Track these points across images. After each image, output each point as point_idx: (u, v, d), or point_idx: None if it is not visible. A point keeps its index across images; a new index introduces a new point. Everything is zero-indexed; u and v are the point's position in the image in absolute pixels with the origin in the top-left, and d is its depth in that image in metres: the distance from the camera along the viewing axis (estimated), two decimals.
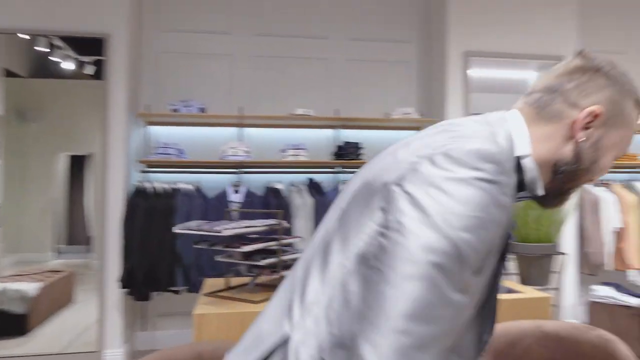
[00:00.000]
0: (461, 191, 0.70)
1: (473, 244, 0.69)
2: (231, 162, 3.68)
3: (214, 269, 3.48)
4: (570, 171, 0.88)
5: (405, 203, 0.72)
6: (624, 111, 0.88)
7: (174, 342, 3.88)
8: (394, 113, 3.97)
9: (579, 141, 0.86)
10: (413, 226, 0.69)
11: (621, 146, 0.91)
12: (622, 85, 0.89)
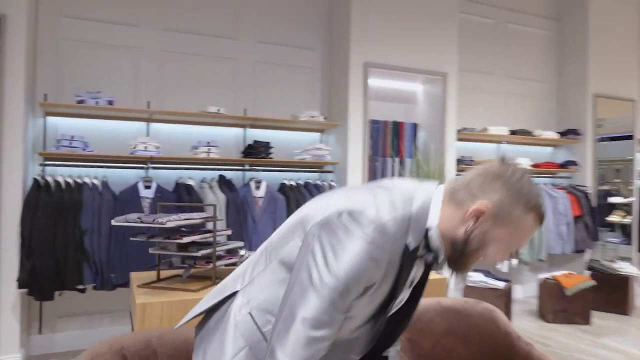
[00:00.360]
0: (350, 244, 1.03)
1: (351, 284, 1.02)
2: (142, 157, 3.66)
3: (125, 264, 3.46)
4: (461, 250, 1.11)
5: (317, 243, 1.06)
6: (511, 214, 1.08)
7: (75, 344, 3.74)
8: (301, 115, 4.24)
9: (468, 228, 1.10)
10: (319, 262, 1.04)
11: (509, 243, 1.10)
12: (517, 192, 1.08)
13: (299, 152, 4.28)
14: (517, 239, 1.12)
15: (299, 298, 1.04)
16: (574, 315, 4.55)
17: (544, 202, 1.13)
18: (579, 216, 5.38)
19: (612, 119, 5.90)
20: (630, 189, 6.07)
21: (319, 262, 1.04)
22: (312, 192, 4.12)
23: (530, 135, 5.39)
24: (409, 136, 4.89)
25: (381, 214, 1.06)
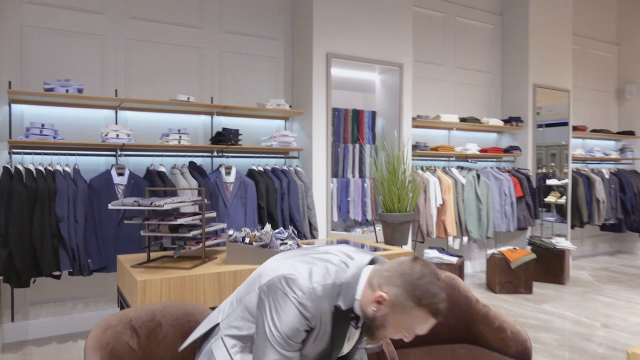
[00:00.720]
0: (285, 306, 1.39)
1: (292, 334, 1.38)
2: (114, 144, 3.72)
3: (102, 250, 3.54)
4: (370, 324, 1.42)
5: (266, 302, 1.43)
6: (405, 307, 1.35)
7: (49, 331, 3.79)
8: (268, 104, 4.41)
9: (372, 309, 1.40)
10: (267, 318, 1.41)
11: (405, 328, 1.39)
12: (412, 290, 1.35)
13: (266, 139, 4.46)
14: (412, 327, 1.40)
15: (261, 347, 1.42)
16: (518, 286, 5.03)
17: (442, 299, 1.38)
18: (521, 197, 5.88)
19: (549, 106, 6.44)
20: (565, 172, 6.66)
21: (267, 318, 1.41)
22: (279, 177, 4.31)
23: (478, 122, 5.82)
24: (368, 123, 5.17)
25: (312, 281, 1.40)
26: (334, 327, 1.43)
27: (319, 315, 1.39)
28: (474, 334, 2.58)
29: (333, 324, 1.42)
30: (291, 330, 1.38)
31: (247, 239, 2.50)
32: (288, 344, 1.39)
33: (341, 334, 1.46)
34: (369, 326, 1.43)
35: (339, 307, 1.41)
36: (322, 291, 1.39)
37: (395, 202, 3.09)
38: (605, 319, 4.24)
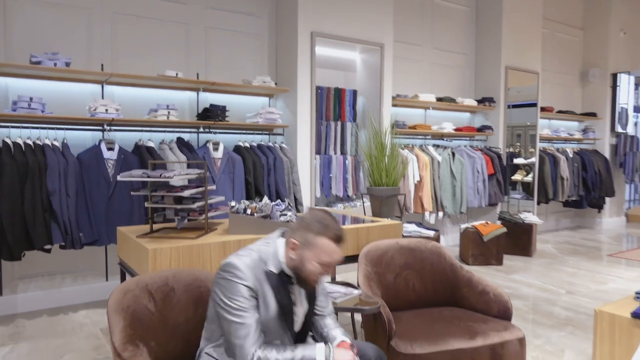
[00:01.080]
0: (227, 284, 1.64)
1: (240, 302, 1.62)
2: (103, 119, 3.73)
3: (93, 224, 3.58)
4: (297, 273, 1.70)
5: (214, 293, 1.69)
6: (309, 241, 1.66)
7: (38, 305, 3.82)
8: (254, 81, 4.48)
9: (291, 257, 1.69)
10: (220, 302, 1.65)
11: (319, 260, 1.67)
12: (310, 226, 1.68)
13: (252, 116, 4.53)
14: (323, 257, 1.67)
15: (227, 327, 1.64)
16: (490, 258, 5.33)
17: (336, 228, 1.70)
18: (493, 174, 6.17)
19: (517, 88, 6.71)
20: (531, 151, 6.99)
21: (220, 303, 1.65)
22: (265, 153, 4.41)
23: (453, 102, 6.03)
24: (350, 102, 5.30)
25: (242, 258, 1.69)
26: (276, 292, 1.71)
27: (257, 282, 1.67)
28: (459, 297, 2.80)
29: (273, 289, 1.70)
30: (240, 298, 1.63)
31: (249, 210, 2.61)
32: (243, 310, 1.63)
33: (284, 296, 1.73)
34: (297, 275, 1.71)
35: (271, 272, 1.70)
36: (251, 262, 1.68)
37: (383, 177, 3.26)
38: (569, 287, 4.57)
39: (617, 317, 2.54)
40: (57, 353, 3.04)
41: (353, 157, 5.26)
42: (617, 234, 7.63)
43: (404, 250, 2.90)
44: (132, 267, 2.53)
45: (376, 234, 3.00)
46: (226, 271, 1.67)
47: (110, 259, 4.11)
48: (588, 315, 3.76)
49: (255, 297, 1.67)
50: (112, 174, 3.67)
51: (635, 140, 8.40)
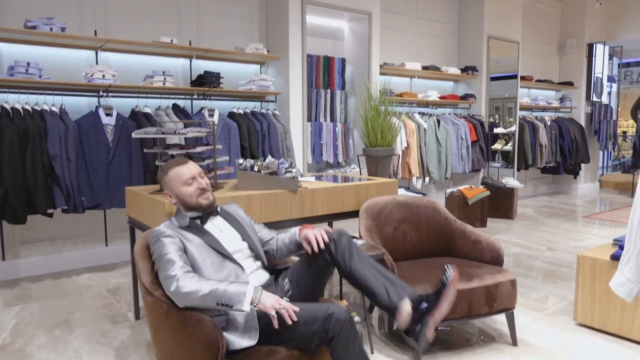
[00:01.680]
0: (154, 244, 1.88)
1: (158, 254, 1.83)
2: (100, 84, 3.76)
3: (94, 188, 3.65)
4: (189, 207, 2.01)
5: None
6: (167, 181, 2.02)
7: (39, 269, 3.89)
8: (247, 48, 4.53)
9: (173, 202, 2.04)
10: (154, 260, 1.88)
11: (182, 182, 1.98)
12: (162, 177, 2.04)
13: (245, 83, 4.60)
14: (181, 178, 2.00)
15: (160, 276, 1.81)
16: (474, 220, 5.58)
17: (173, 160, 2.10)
18: (476, 141, 6.38)
19: (497, 59, 6.88)
20: (510, 121, 7.22)
21: (154, 262, 1.87)
22: (259, 120, 4.50)
23: (438, 70, 6.18)
24: (338, 70, 5.40)
25: (160, 227, 1.94)
26: (194, 232, 1.96)
27: (175, 233, 1.90)
28: (453, 248, 2.99)
29: (191, 231, 1.96)
30: (162, 247, 1.84)
31: (256, 168, 2.73)
32: (166, 253, 1.82)
33: (206, 235, 1.97)
34: (191, 208, 2.01)
35: (181, 225, 1.98)
36: (165, 227, 1.95)
37: (378, 138, 3.41)
38: (549, 244, 4.85)
39: (597, 260, 2.78)
40: (68, 311, 3.15)
41: (343, 125, 5.39)
42: (592, 198, 7.99)
43: (401, 206, 3.08)
44: (145, 223, 2.63)
45: (374, 191, 3.16)
46: (150, 238, 1.92)
47: (110, 224, 4.19)
48: (568, 267, 4.03)
49: (178, 244, 1.88)
50: (111, 140, 3.72)
51: (609, 109, 8.73)
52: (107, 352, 2.58)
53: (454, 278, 1.86)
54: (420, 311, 1.84)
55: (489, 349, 2.59)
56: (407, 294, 1.92)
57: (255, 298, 1.66)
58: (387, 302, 1.89)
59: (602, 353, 2.53)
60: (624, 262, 1.76)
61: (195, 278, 1.73)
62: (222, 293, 1.67)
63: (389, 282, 1.94)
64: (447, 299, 1.84)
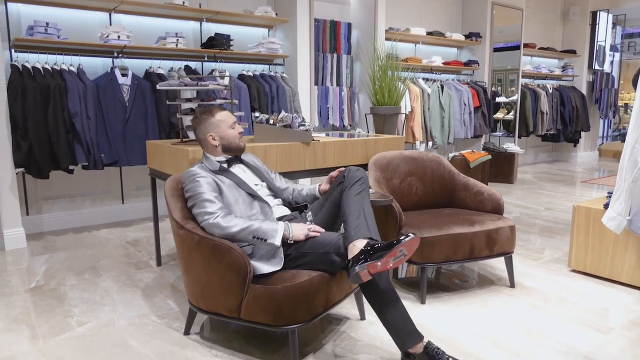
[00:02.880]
0: (185, 186, 2.12)
1: (194, 193, 2.07)
2: (115, 45, 3.89)
3: (112, 145, 3.82)
4: (227, 149, 2.26)
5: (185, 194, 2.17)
6: (214, 123, 2.23)
7: (61, 225, 4.09)
8: (256, 11, 4.64)
9: (215, 144, 2.23)
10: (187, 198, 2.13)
11: (228, 124, 2.24)
12: (206, 119, 2.24)
13: (254, 46, 4.72)
14: (227, 122, 2.26)
15: (195, 214, 2.05)
16: None
17: (212, 106, 2.34)
18: (478, 107, 6.52)
19: (500, 27, 6.96)
20: (512, 90, 7.34)
21: (187, 201, 2.11)
22: (268, 82, 4.64)
23: (442, 36, 6.28)
24: (345, 34, 5.50)
25: (194, 169, 2.14)
26: (225, 176, 2.17)
27: (209, 175, 2.11)
28: (457, 199, 3.18)
29: (223, 174, 2.17)
30: (198, 187, 2.05)
31: (271, 121, 2.90)
32: (202, 192, 2.04)
33: (235, 177, 2.19)
34: (228, 150, 2.25)
35: (214, 169, 2.19)
36: (199, 168, 2.15)
37: (386, 97, 3.56)
38: (548, 205, 5.05)
39: (592, 209, 2.97)
40: (93, 259, 3.36)
41: (349, 89, 5.52)
42: (591, 166, 8.18)
43: (407, 160, 3.25)
44: (167, 172, 2.81)
45: (382, 146, 3.33)
46: (186, 178, 2.12)
47: (126, 183, 4.38)
48: (564, 224, 4.24)
49: (213, 184, 2.09)
50: (127, 99, 3.87)
51: (611, 77, 8.83)
52: (135, 291, 2.79)
53: (408, 241, 1.80)
54: (367, 254, 1.83)
55: (488, 290, 2.80)
56: (367, 235, 1.91)
57: (288, 233, 1.97)
58: (350, 231, 1.92)
59: (593, 294, 2.75)
60: (614, 198, 1.95)
61: (232, 215, 2.02)
62: (258, 228, 1.95)
63: (364, 221, 1.97)
64: (393, 256, 1.80)
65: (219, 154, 2.26)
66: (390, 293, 1.92)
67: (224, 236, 1.95)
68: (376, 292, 1.91)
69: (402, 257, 1.81)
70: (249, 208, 2.15)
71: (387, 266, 1.79)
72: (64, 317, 2.46)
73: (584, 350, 2.10)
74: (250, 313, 1.93)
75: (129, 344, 2.18)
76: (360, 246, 1.85)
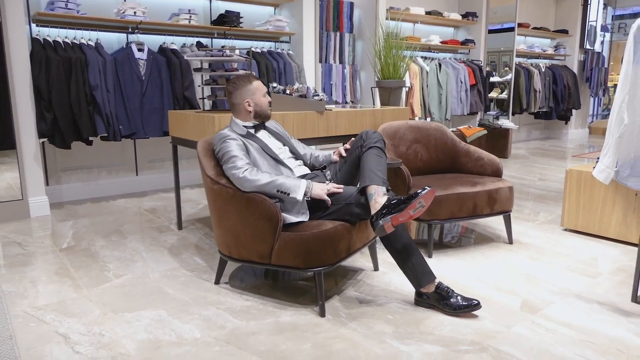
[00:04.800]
0: (217, 146, 2.32)
1: (225, 152, 2.26)
2: (131, 21, 4.04)
3: (130, 118, 3.99)
4: (258, 115, 2.44)
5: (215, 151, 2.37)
6: (251, 90, 2.40)
7: (79, 195, 4.28)
8: None
9: (249, 110, 2.41)
10: (219, 156, 2.32)
11: (262, 92, 2.42)
12: (243, 86, 2.40)
13: (262, 23, 4.88)
14: (261, 90, 2.43)
15: (225, 169, 2.24)
16: None
17: (249, 75, 2.46)
18: (474, 84, 6.73)
19: (494, 8, 7.13)
20: (506, 70, 7.54)
21: (219, 159, 2.30)
22: (275, 59, 4.81)
23: (440, 15, 6.46)
24: (347, 13, 5.67)
25: (224, 131, 2.34)
26: (252, 140, 2.36)
27: (239, 137, 2.31)
28: (459, 165, 3.40)
29: (250, 138, 2.36)
30: (228, 147, 2.25)
31: (288, 91, 3.09)
32: (232, 150, 2.23)
33: (261, 142, 2.37)
34: (259, 116, 2.44)
35: (242, 133, 2.37)
36: (227, 131, 2.34)
37: (391, 71, 3.77)
38: (541, 176, 5.31)
39: (583, 172, 3.22)
40: (116, 223, 3.56)
41: (351, 66, 5.70)
42: (581, 143, 8.45)
43: (413, 129, 3.47)
44: (192, 139, 3.00)
45: (389, 116, 3.54)
46: (217, 139, 2.31)
47: (140, 155, 4.56)
48: (557, 192, 4.49)
49: (242, 145, 2.28)
50: (143, 73, 4.04)
51: (601, 57, 9.06)
52: (161, 250, 3.00)
53: (426, 193, 1.99)
54: (389, 208, 2.03)
55: (489, 246, 3.05)
56: (381, 184, 2.13)
57: (308, 189, 2.15)
58: (366, 176, 2.15)
59: (584, 247, 3.00)
60: (603, 153, 2.19)
61: (259, 170, 2.21)
62: (282, 183, 2.14)
63: (381, 176, 2.18)
64: (413, 207, 1.99)
65: (249, 119, 2.43)
66: (408, 240, 2.15)
67: (251, 189, 2.15)
68: (398, 241, 2.14)
69: (421, 209, 2.03)
70: (274, 170, 2.34)
71: (408, 217, 2.01)
72: (101, 271, 2.67)
73: (575, 291, 2.35)
74: (281, 257, 2.15)
75: (165, 291, 2.39)
76: (382, 202, 2.07)
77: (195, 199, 4.30)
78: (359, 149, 2.36)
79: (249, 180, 2.15)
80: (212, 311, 2.18)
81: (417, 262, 2.15)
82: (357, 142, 2.40)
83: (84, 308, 2.21)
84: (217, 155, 2.33)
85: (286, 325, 2.04)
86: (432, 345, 1.87)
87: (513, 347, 1.85)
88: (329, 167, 2.55)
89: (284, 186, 2.14)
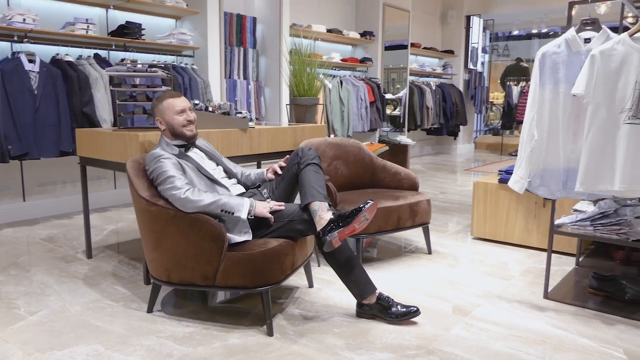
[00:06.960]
0: (150, 167, 2.37)
1: (160, 172, 2.30)
2: (20, 29, 3.81)
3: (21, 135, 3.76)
4: (176, 134, 2.47)
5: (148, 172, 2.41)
6: (161, 109, 2.45)
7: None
8: (166, 0, 4.77)
9: (162, 129, 2.48)
10: (154, 178, 2.36)
11: (173, 111, 2.44)
12: (156, 105, 2.47)
13: (164, 36, 4.86)
14: (174, 108, 2.45)
15: (162, 190, 2.28)
16: None
17: (168, 92, 2.53)
18: (373, 102, 7.24)
19: (387, 26, 7.77)
20: (397, 88, 8.22)
21: (153, 180, 2.34)
22: (180, 73, 4.81)
23: (341, 34, 6.88)
24: (250, 28, 5.83)
25: (157, 150, 2.39)
26: (185, 159, 2.42)
27: (172, 157, 2.35)
28: (377, 180, 3.71)
29: (183, 157, 2.42)
30: (163, 167, 2.29)
31: (210, 108, 3.16)
32: (167, 170, 2.28)
33: (194, 162, 2.44)
34: (178, 136, 2.47)
35: (173, 153, 2.42)
36: (160, 149, 2.40)
37: (306, 89, 3.99)
38: (441, 190, 5.87)
39: (488, 184, 3.69)
40: (11, 255, 3.31)
41: (255, 82, 5.86)
42: (468, 157, 9.42)
43: (332, 145, 3.71)
44: (109, 159, 2.93)
45: (308, 133, 3.75)
46: (150, 159, 2.35)
47: (28, 177, 4.26)
48: (459, 204, 5.02)
49: (177, 164, 2.33)
50: (35, 86, 3.82)
51: (483, 76, 10.22)
52: (75, 282, 2.88)
53: (369, 206, 2.19)
54: (335, 223, 2.20)
55: (411, 257, 3.36)
56: (322, 200, 2.31)
57: (252, 208, 2.26)
58: (308, 193, 2.32)
59: (494, 254, 3.44)
60: (517, 166, 2.58)
61: (201, 191, 2.26)
62: (225, 202, 2.23)
63: (322, 192, 2.36)
64: (358, 221, 2.19)
65: (172, 138, 2.48)
66: (350, 254, 2.35)
67: (194, 209, 2.20)
68: (341, 254, 2.33)
69: (365, 222, 2.24)
70: (210, 189, 2.41)
71: (353, 231, 2.21)
72: (9, 309, 2.50)
73: (496, 293, 2.72)
74: (227, 278, 2.22)
75: (94, 324, 2.33)
76: (328, 217, 2.25)
77: (99, 225, 4.13)
78: (296, 166, 2.52)
79: (192, 201, 2.20)
80: (154, 340, 2.18)
81: (359, 275, 2.35)
82: (293, 160, 2.56)
83: (1, 351, 2.08)
84: (150, 175, 2.34)
85: (236, 347, 2.12)
86: (383, 353, 2.07)
87: (455, 347, 2.12)
88: (263, 185, 2.66)
89: (228, 205, 2.23)
